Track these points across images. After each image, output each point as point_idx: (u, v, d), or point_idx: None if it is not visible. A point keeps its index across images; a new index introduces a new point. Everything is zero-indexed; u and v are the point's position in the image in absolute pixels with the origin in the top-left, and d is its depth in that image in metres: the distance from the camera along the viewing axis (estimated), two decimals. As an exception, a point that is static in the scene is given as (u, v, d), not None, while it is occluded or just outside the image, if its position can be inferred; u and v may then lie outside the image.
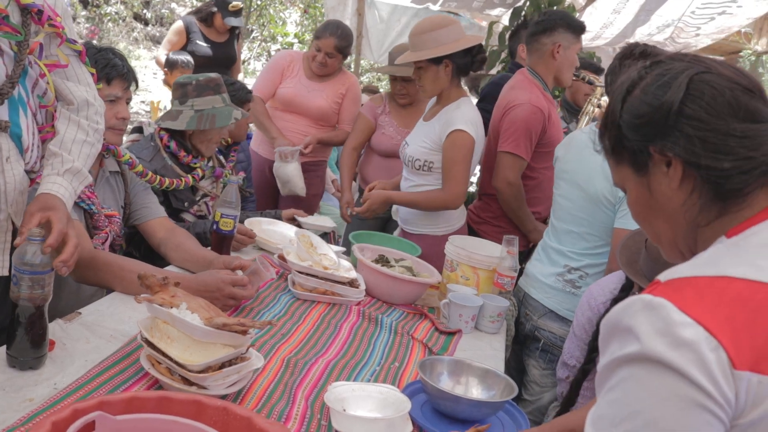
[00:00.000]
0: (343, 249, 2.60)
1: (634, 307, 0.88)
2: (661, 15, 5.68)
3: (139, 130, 2.80)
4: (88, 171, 1.57)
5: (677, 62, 1.04)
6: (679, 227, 1.04)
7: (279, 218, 2.84)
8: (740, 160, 0.96)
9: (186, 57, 4.87)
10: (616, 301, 1.91)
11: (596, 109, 3.15)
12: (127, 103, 2.08)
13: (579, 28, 2.89)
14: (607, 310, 1.91)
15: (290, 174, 3.51)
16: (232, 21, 4.88)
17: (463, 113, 2.69)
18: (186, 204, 2.58)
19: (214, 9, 4.84)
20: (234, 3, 4.80)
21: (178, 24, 5.00)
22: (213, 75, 2.63)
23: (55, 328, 1.52)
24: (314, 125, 3.66)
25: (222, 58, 4.96)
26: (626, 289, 1.89)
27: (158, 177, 2.34)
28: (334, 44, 3.51)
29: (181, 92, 2.58)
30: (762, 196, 0.97)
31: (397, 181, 3.03)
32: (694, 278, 0.89)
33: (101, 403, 1.04)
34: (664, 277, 0.92)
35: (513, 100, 2.82)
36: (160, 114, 5.00)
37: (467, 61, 2.70)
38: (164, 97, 5.11)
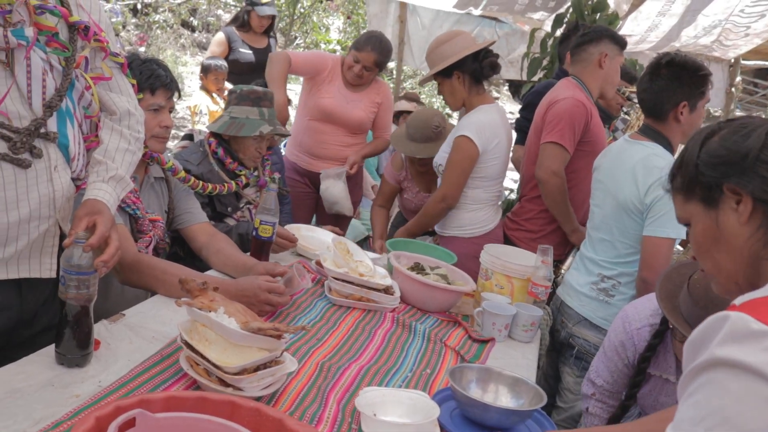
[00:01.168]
0: (379, 256, 2.64)
1: (715, 323, 0.95)
2: (708, 15, 5.56)
3: (189, 137, 2.90)
4: (130, 178, 1.65)
5: (755, 120, 1.21)
6: (742, 260, 1.14)
7: None
8: None
9: (219, 61, 5.00)
10: (657, 333, 1.89)
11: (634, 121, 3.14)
12: (170, 111, 2.16)
13: (622, 43, 2.93)
14: (647, 343, 1.90)
15: (338, 195, 3.55)
16: (266, 10, 4.93)
17: (472, 120, 2.76)
18: (229, 209, 2.66)
19: (249, 7, 4.93)
20: None
21: (219, 35, 5.09)
22: (259, 88, 2.71)
23: (100, 329, 1.60)
24: (349, 134, 3.68)
25: (264, 64, 5.05)
26: (666, 321, 1.86)
27: (201, 183, 2.42)
28: (374, 59, 3.51)
29: (228, 99, 2.72)
30: None
31: None
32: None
33: (142, 401, 1.10)
34: (739, 301, 1.00)
35: (556, 96, 2.85)
36: (197, 117, 5.15)
37: (476, 68, 2.76)
38: (201, 102, 5.24)
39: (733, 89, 7.77)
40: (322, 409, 1.47)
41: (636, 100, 3.25)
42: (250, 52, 5.02)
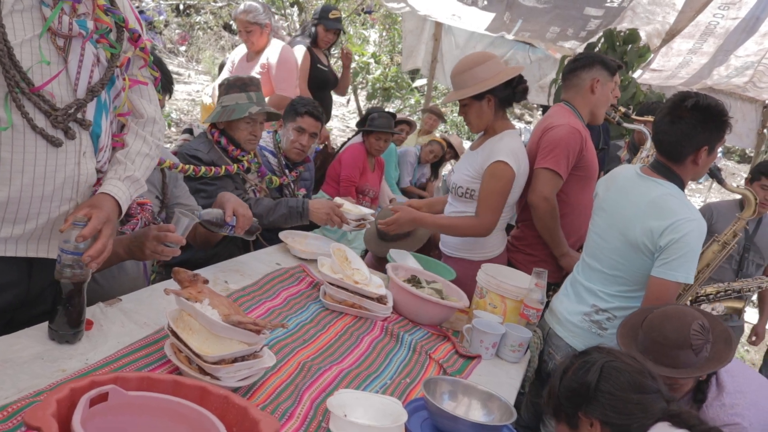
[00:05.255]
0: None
1: None
2: (740, 56, 5.57)
3: (189, 131, 3.11)
4: (145, 181, 1.74)
5: (595, 355, 1.68)
6: None
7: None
8: (638, 418, 1.57)
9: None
10: None
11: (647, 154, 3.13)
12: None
13: (614, 67, 2.96)
14: None
15: None
16: (333, 24, 4.83)
17: (506, 145, 2.74)
18: (237, 192, 2.81)
19: (316, 21, 4.77)
20: (333, 11, 4.83)
21: (302, 50, 4.66)
22: (244, 76, 2.98)
23: (95, 311, 1.68)
24: None
25: (320, 80, 4.88)
26: None
27: (191, 167, 2.65)
28: (243, 20, 4.18)
29: (218, 92, 3.01)
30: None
31: (440, 207, 3.10)
32: None
33: (117, 378, 1.17)
34: None
35: (551, 123, 2.88)
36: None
37: (508, 93, 2.78)
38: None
39: (765, 131, 7.70)
40: (295, 406, 1.53)
41: (625, 123, 3.27)
42: (326, 68, 4.87)
